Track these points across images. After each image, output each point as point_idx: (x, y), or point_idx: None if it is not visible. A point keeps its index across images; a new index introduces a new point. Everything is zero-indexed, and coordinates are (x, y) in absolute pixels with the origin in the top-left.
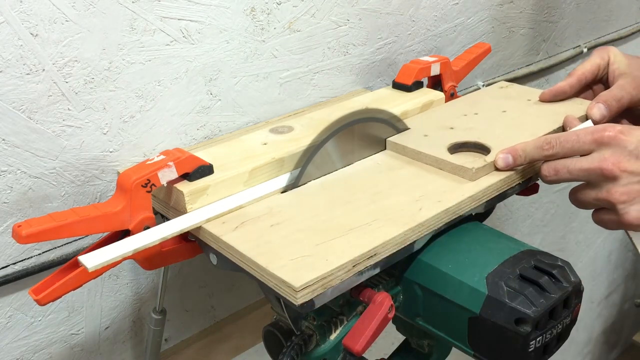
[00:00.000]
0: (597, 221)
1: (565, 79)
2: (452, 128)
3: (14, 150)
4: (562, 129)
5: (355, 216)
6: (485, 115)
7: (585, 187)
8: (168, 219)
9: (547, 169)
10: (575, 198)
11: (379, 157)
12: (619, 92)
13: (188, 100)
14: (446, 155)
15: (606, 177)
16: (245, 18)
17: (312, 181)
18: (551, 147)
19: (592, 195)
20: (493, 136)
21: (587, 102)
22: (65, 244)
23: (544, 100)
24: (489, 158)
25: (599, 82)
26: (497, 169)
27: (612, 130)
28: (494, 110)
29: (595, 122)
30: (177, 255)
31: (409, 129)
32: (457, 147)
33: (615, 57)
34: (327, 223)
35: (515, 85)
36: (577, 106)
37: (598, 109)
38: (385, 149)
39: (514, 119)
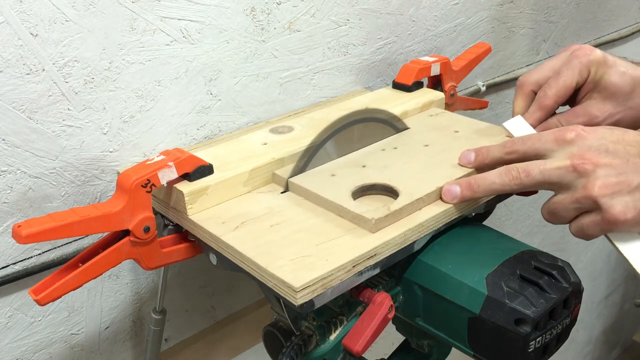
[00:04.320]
0: (577, 229)
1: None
2: (364, 166)
3: (14, 150)
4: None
5: None
6: (404, 150)
7: (559, 194)
8: (168, 219)
9: (516, 169)
10: (551, 210)
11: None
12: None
13: (188, 100)
14: (347, 202)
15: (580, 174)
16: (245, 18)
17: None
18: (513, 144)
19: (569, 199)
20: (406, 176)
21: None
22: (65, 244)
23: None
24: (395, 205)
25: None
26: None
27: (574, 129)
28: (416, 144)
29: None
30: (177, 255)
31: (409, 128)
32: (365, 190)
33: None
34: (327, 223)
35: (447, 114)
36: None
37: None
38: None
39: (434, 155)
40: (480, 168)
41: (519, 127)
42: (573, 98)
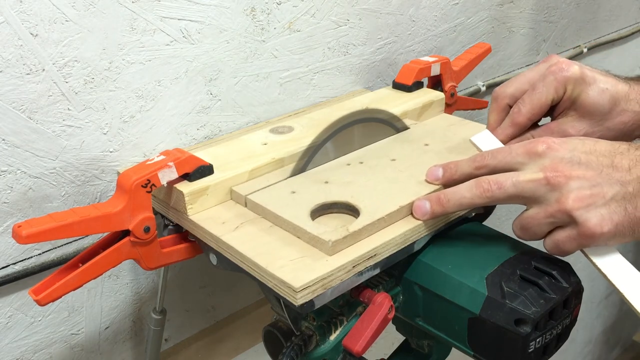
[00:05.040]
0: (552, 245)
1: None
2: (326, 182)
3: (14, 150)
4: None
5: None
6: (370, 164)
7: (531, 209)
8: (168, 219)
9: (487, 181)
10: (523, 226)
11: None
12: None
13: (188, 100)
14: (305, 221)
15: (553, 187)
16: (245, 18)
17: None
18: (482, 158)
19: (542, 213)
20: (369, 194)
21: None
22: (65, 244)
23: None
24: (355, 225)
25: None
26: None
27: (545, 142)
28: (382, 158)
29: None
30: (177, 255)
31: (409, 128)
32: (325, 209)
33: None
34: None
35: (419, 125)
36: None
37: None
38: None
39: (401, 171)
40: (449, 184)
41: (487, 141)
42: (551, 112)
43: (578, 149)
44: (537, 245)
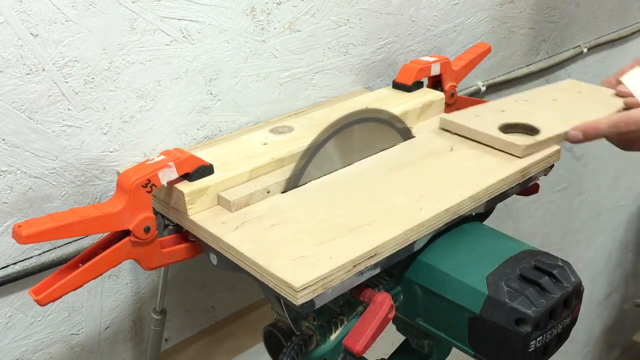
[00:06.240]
0: None
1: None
2: (503, 111)
3: (14, 150)
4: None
5: (356, 216)
6: (535, 103)
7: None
8: (168, 219)
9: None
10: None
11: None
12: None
13: (188, 100)
14: (498, 134)
15: None
16: (245, 18)
17: (313, 181)
18: (627, 125)
19: None
20: (543, 120)
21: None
22: (65, 244)
23: (606, 84)
24: (539, 137)
25: None
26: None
27: None
28: (545, 98)
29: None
30: (177, 255)
31: (409, 128)
32: (508, 128)
33: None
34: (328, 223)
35: (570, 81)
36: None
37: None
38: (385, 148)
39: (564, 106)
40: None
41: (638, 81)
42: None
43: None
44: (537, 245)
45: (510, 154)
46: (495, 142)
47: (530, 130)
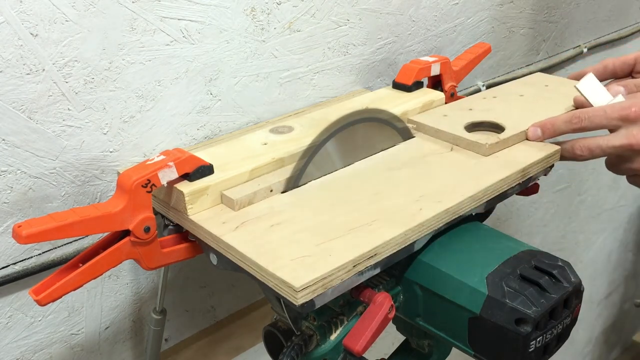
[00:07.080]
0: (633, 182)
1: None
2: (471, 109)
3: (14, 150)
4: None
5: (356, 216)
6: (502, 99)
7: (620, 161)
8: (168, 219)
9: (580, 148)
10: (613, 169)
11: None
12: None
13: (188, 100)
14: (462, 133)
15: (637, 152)
16: (245, 18)
17: (313, 181)
18: (580, 121)
19: (628, 167)
20: (509, 117)
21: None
22: (65, 244)
23: (572, 77)
24: (503, 136)
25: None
26: (527, 139)
27: (639, 107)
28: (512, 94)
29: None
30: (177, 255)
31: (409, 127)
32: (474, 126)
33: None
34: (328, 223)
35: (537, 74)
36: None
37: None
38: (385, 148)
39: (530, 102)
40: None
41: (592, 88)
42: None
43: None
44: (537, 245)
45: (476, 153)
46: (461, 142)
47: (496, 127)
